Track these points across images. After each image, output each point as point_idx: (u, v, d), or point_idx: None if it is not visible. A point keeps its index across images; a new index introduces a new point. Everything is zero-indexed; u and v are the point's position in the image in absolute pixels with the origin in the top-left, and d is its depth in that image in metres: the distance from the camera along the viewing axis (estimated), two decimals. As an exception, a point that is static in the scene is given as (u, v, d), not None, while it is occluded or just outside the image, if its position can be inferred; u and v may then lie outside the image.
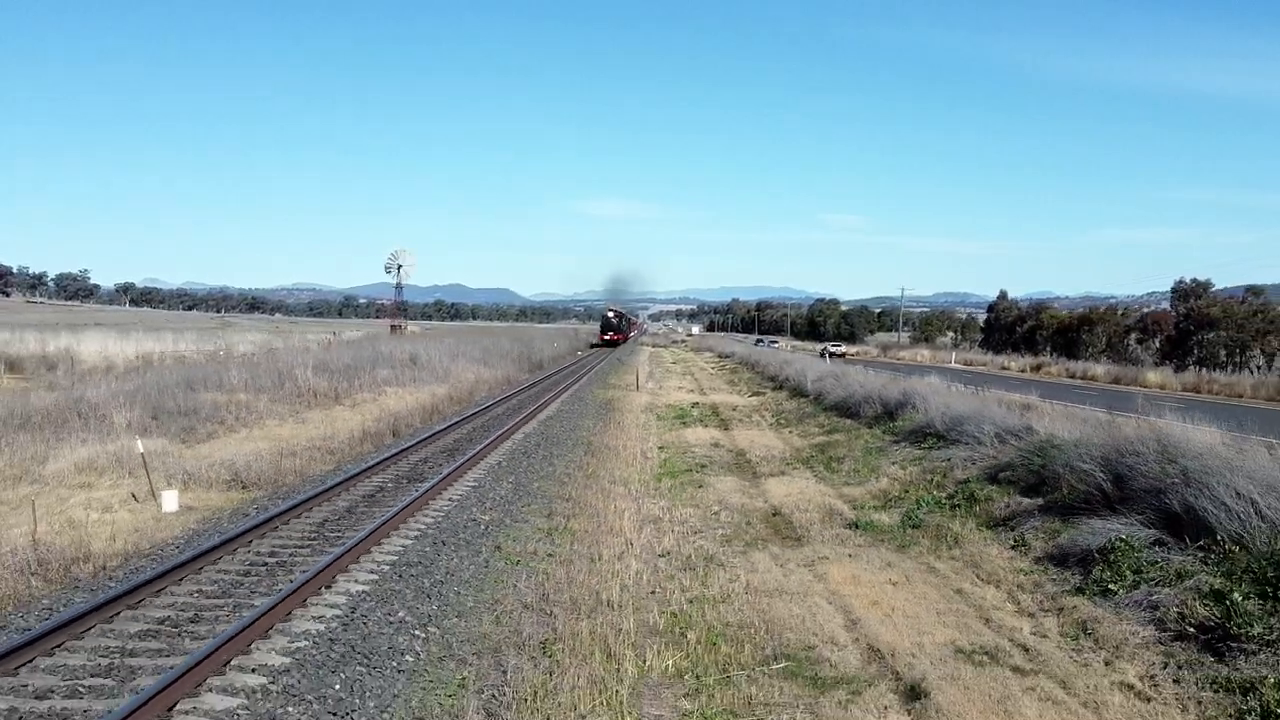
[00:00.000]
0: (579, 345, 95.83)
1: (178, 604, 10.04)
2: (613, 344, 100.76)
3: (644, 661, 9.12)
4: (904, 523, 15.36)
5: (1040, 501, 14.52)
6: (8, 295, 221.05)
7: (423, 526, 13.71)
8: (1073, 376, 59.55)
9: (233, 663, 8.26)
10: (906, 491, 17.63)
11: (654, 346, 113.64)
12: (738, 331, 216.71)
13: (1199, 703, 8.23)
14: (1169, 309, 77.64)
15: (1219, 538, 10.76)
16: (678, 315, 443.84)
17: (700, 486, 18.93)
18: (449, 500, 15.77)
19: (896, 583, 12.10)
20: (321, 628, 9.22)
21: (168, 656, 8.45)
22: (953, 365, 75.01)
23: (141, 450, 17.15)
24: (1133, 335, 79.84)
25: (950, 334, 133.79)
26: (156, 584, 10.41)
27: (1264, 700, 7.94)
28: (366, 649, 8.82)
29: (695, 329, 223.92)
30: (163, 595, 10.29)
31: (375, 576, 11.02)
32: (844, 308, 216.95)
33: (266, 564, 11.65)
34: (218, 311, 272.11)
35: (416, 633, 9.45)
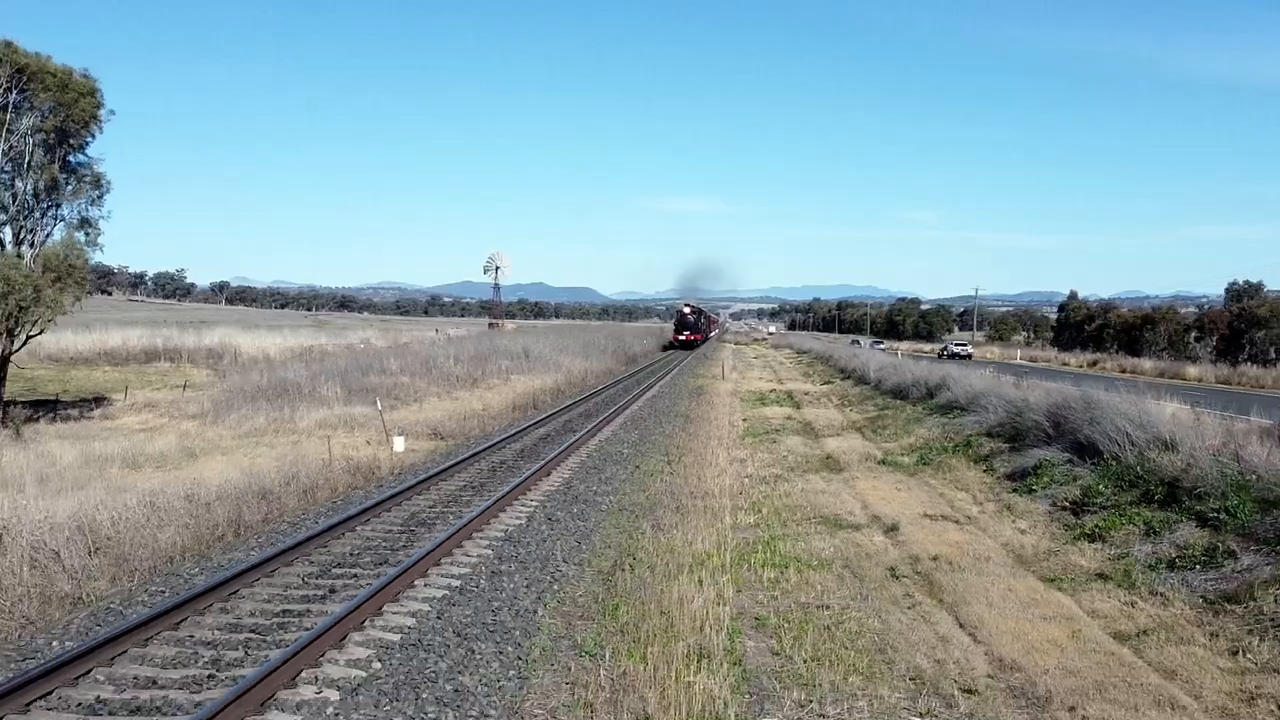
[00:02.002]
0: (665, 342, 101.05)
1: (453, 489, 16.82)
2: (689, 345, 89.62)
3: (734, 518, 15.60)
4: (918, 461, 21.69)
5: (1012, 444, 20.72)
6: (109, 294, 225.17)
7: (585, 455, 20.47)
8: (1123, 371, 64.22)
9: (517, 499, 15.02)
10: (927, 445, 23.87)
11: (736, 344, 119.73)
12: (819, 330, 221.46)
13: (1053, 535, 14.49)
14: (1224, 308, 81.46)
15: (1104, 456, 16.89)
16: (759, 314, 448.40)
17: (774, 443, 25.34)
18: (598, 442, 22.53)
19: (900, 489, 18.47)
20: (557, 485, 16.14)
21: (470, 505, 15.19)
22: (1017, 361, 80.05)
23: (380, 408, 24.22)
24: (1191, 334, 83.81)
25: (1023, 333, 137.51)
26: (433, 480, 17.21)
27: (1086, 528, 14.16)
28: (582, 499, 15.58)
29: (772, 328, 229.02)
30: (442, 485, 17.08)
31: (569, 474, 17.83)
32: (925, 306, 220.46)
33: (496, 470, 18.49)
34: (309, 309, 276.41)
35: (603, 498, 16.15)
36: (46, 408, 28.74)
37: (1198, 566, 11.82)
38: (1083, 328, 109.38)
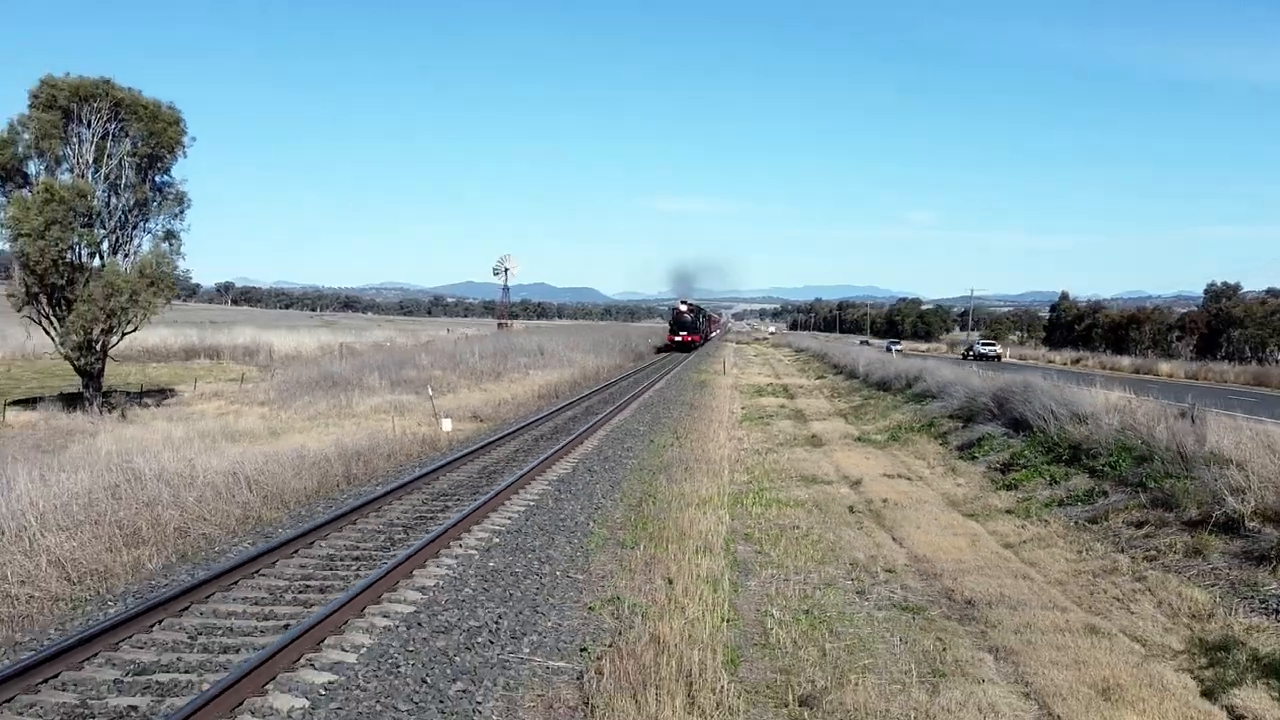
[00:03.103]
0: (660, 344, 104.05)
1: (502, 456, 20.74)
2: (686, 347, 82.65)
3: (731, 476, 19.50)
4: (889, 438, 25.63)
5: (965, 423, 24.65)
6: None
7: (607, 432, 24.40)
8: (1104, 368, 67.98)
9: (551, 466, 18.96)
10: (899, 426, 27.81)
11: (738, 343, 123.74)
12: (820, 330, 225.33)
13: (981, 486, 18.41)
14: (1203, 309, 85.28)
15: (1033, 429, 20.80)
16: (761, 314, 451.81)
17: (767, 425, 29.27)
18: (616, 423, 26.49)
19: (868, 458, 22.41)
20: (589, 451, 20.08)
21: (500, 482, 19.12)
22: (1006, 359, 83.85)
23: (431, 394, 28.16)
24: (1174, 333, 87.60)
25: (1018, 333, 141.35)
26: (488, 448, 21.13)
27: (1007, 481, 18.09)
28: (610, 460, 19.56)
29: (773, 328, 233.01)
30: (491, 453, 21.00)
31: (597, 444, 21.77)
32: (925, 306, 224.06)
33: (537, 441, 22.43)
34: (313, 310, 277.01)
35: (626, 460, 20.10)
36: (130, 396, 32.61)
37: (1079, 504, 15.76)
38: (1073, 327, 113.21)
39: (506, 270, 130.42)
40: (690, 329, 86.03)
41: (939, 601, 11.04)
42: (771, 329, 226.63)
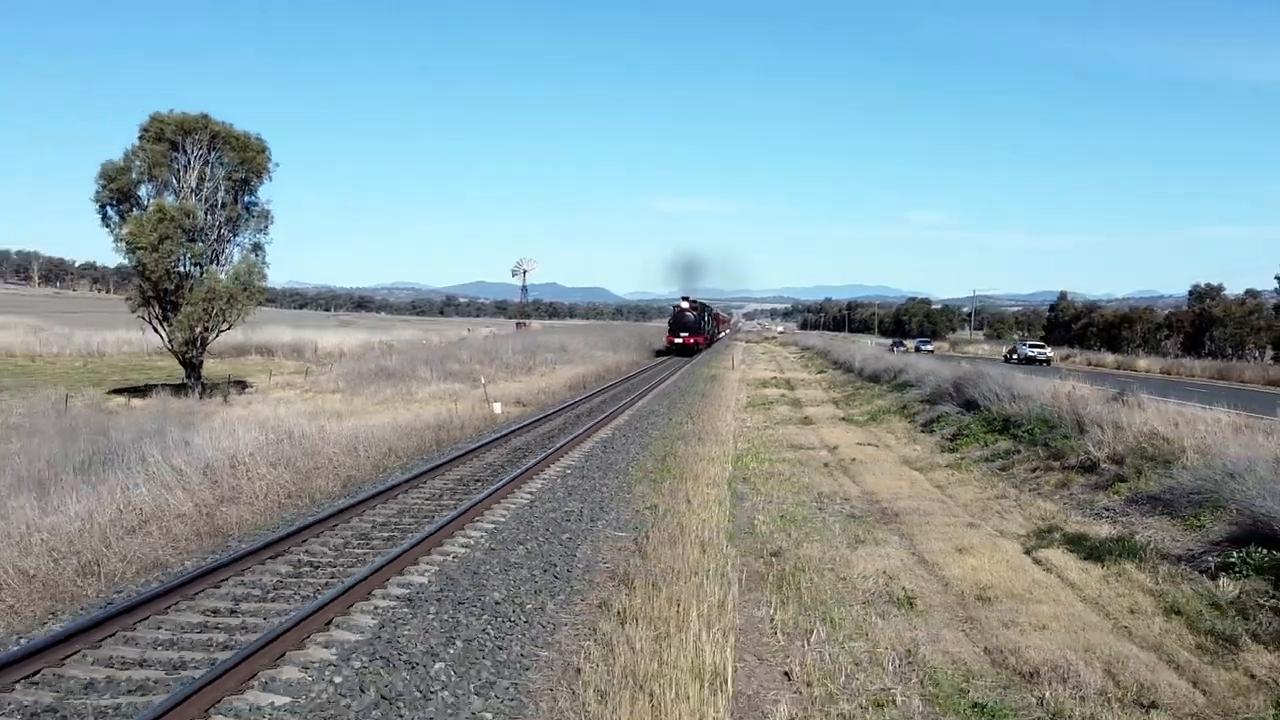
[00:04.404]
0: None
1: (551, 429, 25.72)
2: (687, 350, 73.24)
3: (735, 444, 24.43)
4: (868, 419, 30.58)
5: (931, 405, 29.58)
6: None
7: (633, 413, 29.40)
8: (1089, 364, 72.88)
9: (591, 435, 23.94)
10: (879, 409, 32.74)
11: (747, 342, 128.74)
12: (830, 329, 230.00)
13: (932, 451, 23.35)
14: (1189, 308, 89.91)
15: (981, 408, 25.70)
16: (772, 314, 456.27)
17: (768, 409, 34.21)
18: (638, 407, 31.47)
19: (848, 433, 27.36)
20: (621, 424, 25.01)
21: (555, 443, 24.10)
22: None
23: (484, 383, 33.21)
24: (1162, 331, 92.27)
25: (1020, 331, 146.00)
26: (539, 423, 26.11)
27: (951, 446, 23.04)
28: (638, 431, 24.53)
29: (781, 327, 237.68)
30: (541, 426, 25.98)
31: (626, 420, 26.77)
32: (935, 306, 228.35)
33: (578, 418, 27.43)
34: (327, 310, 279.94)
35: (651, 432, 25.08)
36: (219, 386, 37.73)
37: (999, 459, 20.69)
38: (1070, 326, 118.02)
39: (525, 272, 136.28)
40: (693, 329, 75.41)
41: (873, 513, 16.02)
42: (780, 328, 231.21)
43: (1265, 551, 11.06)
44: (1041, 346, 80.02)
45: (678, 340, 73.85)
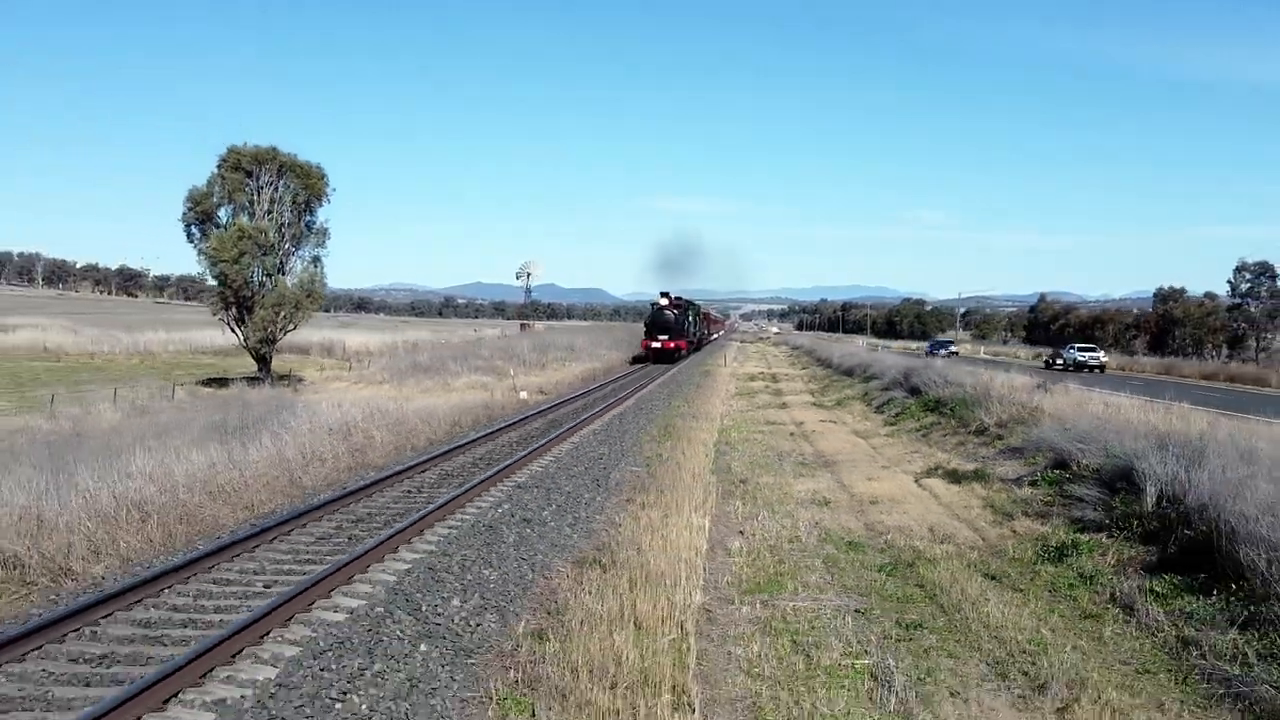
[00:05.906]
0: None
1: (573, 409, 31.71)
2: (666, 356, 60.61)
3: (722, 422, 30.42)
4: (835, 404, 36.68)
5: (886, 392, 35.66)
6: (135, 297, 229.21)
7: (638, 399, 35.44)
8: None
9: (606, 413, 29.96)
10: (845, 396, 38.82)
11: (742, 342, 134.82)
12: (825, 330, 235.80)
13: (878, 426, 29.41)
14: (1154, 310, 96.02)
15: (922, 393, 31.72)
16: (769, 314, 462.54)
17: (752, 397, 40.24)
18: (642, 394, 37.51)
19: (815, 413, 33.42)
20: (630, 406, 31.06)
21: (580, 417, 30.09)
22: (981, 355, 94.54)
23: (513, 374, 39.23)
24: (1130, 331, 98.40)
25: (1003, 332, 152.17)
26: (562, 405, 32.10)
27: (893, 421, 29.10)
28: (644, 412, 30.59)
29: (775, 328, 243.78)
30: (564, 408, 31.96)
31: (633, 403, 32.83)
32: (929, 307, 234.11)
33: (594, 402, 33.44)
34: (328, 311, 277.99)
35: (654, 412, 31.12)
36: (282, 379, 43.74)
37: (924, 430, 26.72)
38: (1049, 326, 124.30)
39: (529, 274, 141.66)
40: (674, 331, 62.12)
41: (818, 462, 22.07)
42: (775, 329, 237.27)
43: (1056, 472, 17.11)
44: (1094, 350, 67.48)
45: (655, 345, 61.09)
